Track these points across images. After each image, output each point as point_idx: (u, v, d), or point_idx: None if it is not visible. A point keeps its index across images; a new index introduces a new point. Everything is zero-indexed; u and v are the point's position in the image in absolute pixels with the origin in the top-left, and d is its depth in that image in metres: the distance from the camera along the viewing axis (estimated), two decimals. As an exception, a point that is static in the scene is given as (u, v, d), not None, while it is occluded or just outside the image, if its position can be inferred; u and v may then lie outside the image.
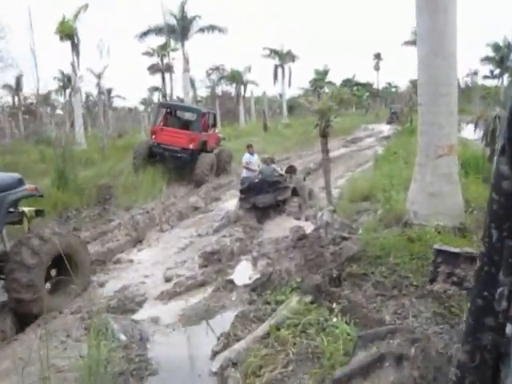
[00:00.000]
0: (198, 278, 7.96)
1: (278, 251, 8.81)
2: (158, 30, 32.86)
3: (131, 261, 9.37)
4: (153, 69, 26.32)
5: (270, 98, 57.33)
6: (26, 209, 7.58)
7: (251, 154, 13.58)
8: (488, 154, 11.60)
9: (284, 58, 47.62)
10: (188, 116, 19.56)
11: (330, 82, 56.56)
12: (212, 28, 32.52)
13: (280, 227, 10.79)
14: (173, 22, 32.28)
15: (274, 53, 47.51)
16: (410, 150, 16.98)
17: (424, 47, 7.26)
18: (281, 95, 57.98)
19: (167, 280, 8.18)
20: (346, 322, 5.13)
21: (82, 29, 25.66)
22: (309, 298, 6.07)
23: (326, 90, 52.74)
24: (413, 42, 38.35)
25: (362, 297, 6.35)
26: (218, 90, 51.78)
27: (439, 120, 7.32)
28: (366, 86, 68.26)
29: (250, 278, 7.95)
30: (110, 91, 46.23)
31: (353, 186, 12.62)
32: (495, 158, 1.37)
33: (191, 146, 17.08)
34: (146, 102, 53.53)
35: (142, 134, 30.82)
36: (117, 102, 54.51)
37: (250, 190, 11.65)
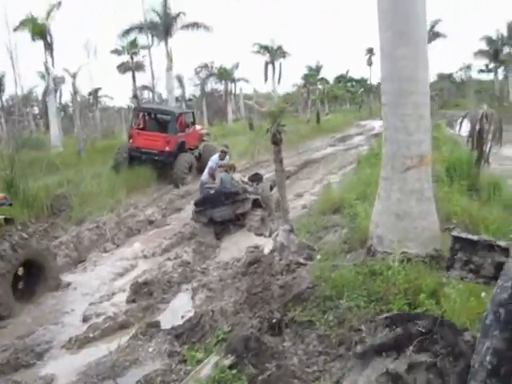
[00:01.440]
0: (119, 318, 6.47)
1: (224, 280, 7.32)
2: (140, 28, 31.30)
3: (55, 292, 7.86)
4: (122, 67, 24.73)
5: (264, 95, 55.78)
6: None
7: (222, 158, 11.72)
8: (475, 157, 10.10)
9: (274, 54, 45.94)
10: (164, 118, 18.75)
11: (322, 79, 54.92)
12: (196, 25, 30.92)
13: (238, 245, 9.31)
14: (156, 19, 30.72)
15: (264, 49, 45.82)
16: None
17: (385, 32, 5.74)
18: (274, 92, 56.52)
19: (85, 320, 6.70)
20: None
21: (66, 27, 24.15)
22: (228, 361, 4.60)
23: (319, 86, 51.33)
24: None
25: (302, 353, 4.93)
26: (208, 88, 50.23)
27: (406, 124, 5.81)
28: (361, 82, 66.48)
29: (182, 318, 6.48)
30: (97, 91, 44.61)
31: (326, 195, 11.08)
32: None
33: (167, 149, 16.76)
34: (135, 101, 51.83)
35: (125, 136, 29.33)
36: (109, 102, 52.89)
37: (205, 202, 10.18)
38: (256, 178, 11.31)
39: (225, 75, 44.26)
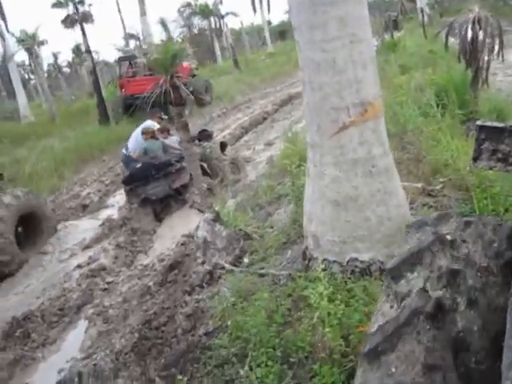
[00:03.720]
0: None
1: (128, 301, 5.23)
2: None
3: None
4: (67, 21, 21.69)
5: (259, 27, 51.98)
6: None
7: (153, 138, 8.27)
8: (471, 76, 7.59)
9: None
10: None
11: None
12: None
13: (174, 231, 7.17)
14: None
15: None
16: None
17: None
18: (270, 23, 52.84)
19: None
20: None
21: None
22: None
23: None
24: None
25: None
26: (196, 28, 46.74)
27: (331, 55, 3.42)
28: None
29: (60, 373, 4.47)
30: (78, 47, 41.44)
31: (291, 146, 8.70)
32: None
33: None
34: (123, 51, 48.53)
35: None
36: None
37: (133, 179, 7.93)
38: (203, 136, 8.94)
39: (207, 12, 40.59)
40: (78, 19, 19.66)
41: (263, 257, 4.88)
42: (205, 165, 8.32)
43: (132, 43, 49.09)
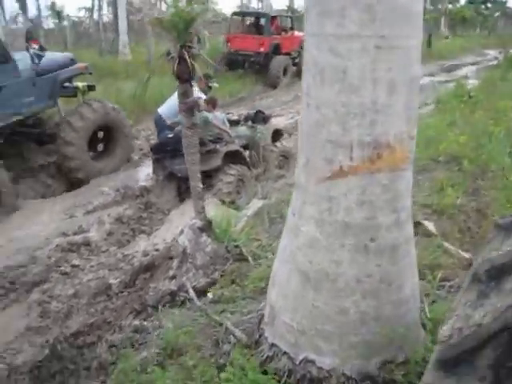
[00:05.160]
0: None
1: (78, 298, 4.36)
2: None
3: None
4: None
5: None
6: (80, 83, 8.40)
7: (203, 90, 7.30)
8: None
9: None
10: (259, 21, 19.02)
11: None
12: None
13: (183, 219, 6.19)
14: None
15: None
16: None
17: None
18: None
19: None
20: None
21: None
22: None
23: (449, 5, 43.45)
24: None
25: None
26: None
27: (347, 63, 2.17)
28: (498, 4, 55.79)
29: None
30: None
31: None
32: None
33: (262, 50, 17.11)
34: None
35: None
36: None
37: (162, 149, 7.00)
38: (258, 118, 7.78)
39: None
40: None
41: (236, 296, 3.77)
42: (246, 152, 7.22)
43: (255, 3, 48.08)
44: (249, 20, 19.88)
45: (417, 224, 4.50)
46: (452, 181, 5.36)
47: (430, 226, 4.41)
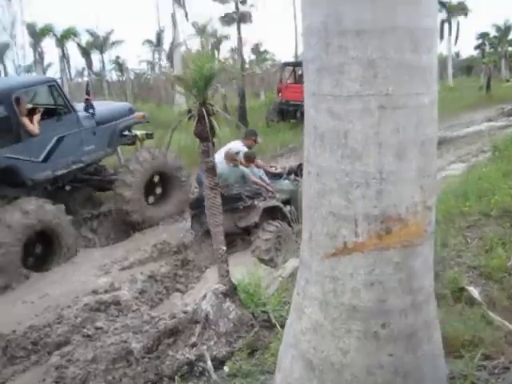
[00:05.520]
0: None
1: (97, 363, 4.17)
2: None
3: None
4: (225, 19, 21.29)
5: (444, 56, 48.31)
6: (138, 132, 8.75)
7: (249, 146, 7.27)
8: None
9: (453, 10, 38.34)
10: None
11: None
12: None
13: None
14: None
15: (441, 5, 38.47)
16: None
17: None
18: (457, 55, 48.84)
19: None
20: None
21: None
22: None
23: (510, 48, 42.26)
24: None
25: None
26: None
27: (348, 127, 1.93)
28: None
29: None
30: (257, 45, 41.79)
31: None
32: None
33: None
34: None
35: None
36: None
37: (199, 205, 6.86)
38: (300, 172, 7.54)
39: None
40: (236, 18, 19.37)
41: (254, 370, 3.45)
42: (286, 208, 6.93)
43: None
44: (300, 70, 19.69)
45: (461, 290, 4.07)
46: (503, 239, 4.86)
47: (474, 292, 3.95)
